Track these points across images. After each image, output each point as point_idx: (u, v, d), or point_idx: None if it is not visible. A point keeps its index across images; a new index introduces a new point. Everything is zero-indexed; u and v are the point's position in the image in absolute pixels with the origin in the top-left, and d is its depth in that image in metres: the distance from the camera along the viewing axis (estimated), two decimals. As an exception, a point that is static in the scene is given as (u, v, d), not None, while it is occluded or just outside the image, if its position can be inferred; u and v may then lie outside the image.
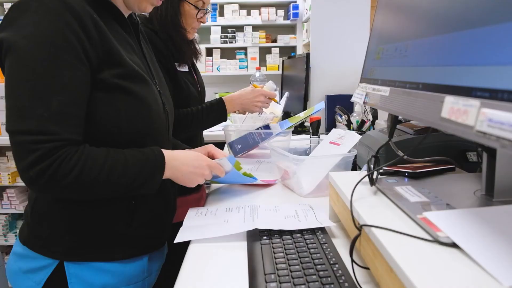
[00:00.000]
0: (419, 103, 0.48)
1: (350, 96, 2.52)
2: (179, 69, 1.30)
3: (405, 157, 0.70)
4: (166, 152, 0.78)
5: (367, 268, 0.55)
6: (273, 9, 3.78)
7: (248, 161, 1.44)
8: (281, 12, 3.81)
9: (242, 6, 3.87)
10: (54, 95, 0.64)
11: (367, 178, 0.66)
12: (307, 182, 1.04)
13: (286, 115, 2.21)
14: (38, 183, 0.64)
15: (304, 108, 2.10)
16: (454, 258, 0.40)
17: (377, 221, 0.51)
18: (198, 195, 1.40)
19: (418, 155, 0.77)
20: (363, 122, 1.76)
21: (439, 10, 0.47)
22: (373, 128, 1.68)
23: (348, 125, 1.80)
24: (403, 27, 0.61)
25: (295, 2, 3.70)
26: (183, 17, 1.23)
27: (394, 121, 0.66)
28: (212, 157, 1.02)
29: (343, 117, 1.83)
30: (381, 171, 0.69)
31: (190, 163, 0.82)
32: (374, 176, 0.65)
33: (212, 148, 1.02)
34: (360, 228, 0.54)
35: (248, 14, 3.83)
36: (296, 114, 2.06)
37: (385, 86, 0.64)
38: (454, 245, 0.42)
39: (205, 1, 1.25)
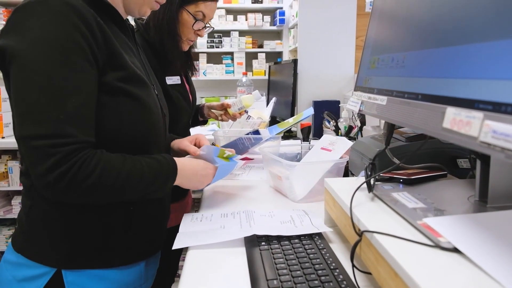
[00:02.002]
0: (419, 113, 0.50)
1: (337, 102, 2.56)
2: (170, 82, 1.29)
3: (395, 162, 0.72)
4: (178, 161, 0.82)
5: (367, 273, 0.57)
6: (259, 15, 3.81)
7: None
8: (267, 18, 3.84)
9: (228, 11, 3.88)
10: (68, 97, 0.64)
11: (363, 185, 0.68)
12: (300, 188, 1.05)
13: (273, 120, 2.23)
14: (57, 187, 0.64)
15: (292, 114, 2.12)
16: (456, 262, 0.42)
17: (378, 227, 0.53)
18: (184, 201, 1.41)
19: (410, 161, 0.79)
20: (351, 128, 1.79)
21: (440, 23, 0.49)
22: (361, 134, 1.71)
23: (336, 130, 1.83)
24: (400, 38, 0.63)
25: (282, 8, 3.74)
26: (180, 25, 1.21)
27: (390, 129, 0.68)
28: (199, 144, 1.04)
29: (331, 122, 1.86)
30: (376, 177, 0.71)
31: (198, 172, 0.87)
32: (371, 183, 0.66)
33: (200, 137, 1.05)
34: (360, 234, 0.55)
35: (235, 19, 3.85)
36: (282, 119, 2.06)
37: (381, 95, 0.66)
38: (455, 250, 0.44)
39: (206, 14, 1.22)
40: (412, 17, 0.59)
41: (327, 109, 2.00)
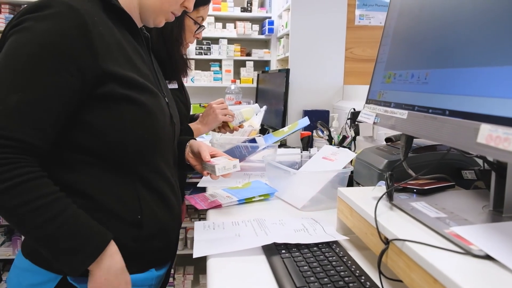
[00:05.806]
0: (447, 128, 0.53)
1: (326, 111, 2.61)
2: (170, 87, 1.30)
3: (412, 175, 0.75)
4: (109, 247, 0.69)
5: (395, 280, 0.59)
6: (248, 24, 3.85)
7: (236, 174, 1.45)
8: (256, 27, 3.88)
9: (218, 19, 3.90)
10: (17, 90, 0.61)
11: (380, 194, 0.70)
12: (303, 195, 1.07)
13: (262, 128, 2.25)
14: None
15: (283, 123, 2.16)
16: (491, 268, 0.45)
17: (404, 235, 0.55)
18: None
19: (418, 172, 0.83)
20: (344, 138, 1.83)
21: (471, 44, 0.53)
22: (354, 144, 1.76)
23: (329, 140, 1.86)
24: (421, 55, 0.66)
25: (270, 18, 3.79)
26: (183, 31, 1.24)
27: (409, 142, 0.71)
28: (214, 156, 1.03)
29: (325, 132, 1.90)
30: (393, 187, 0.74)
31: (115, 276, 0.70)
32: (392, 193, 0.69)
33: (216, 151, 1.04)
34: (387, 242, 0.58)
35: (224, 27, 3.88)
36: (272, 128, 2.07)
37: (400, 109, 0.69)
38: (487, 257, 0.47)
39: (204, 17, 1.27)
40: (435, 36, 0.63)
41: (316, 119, 2.05)
